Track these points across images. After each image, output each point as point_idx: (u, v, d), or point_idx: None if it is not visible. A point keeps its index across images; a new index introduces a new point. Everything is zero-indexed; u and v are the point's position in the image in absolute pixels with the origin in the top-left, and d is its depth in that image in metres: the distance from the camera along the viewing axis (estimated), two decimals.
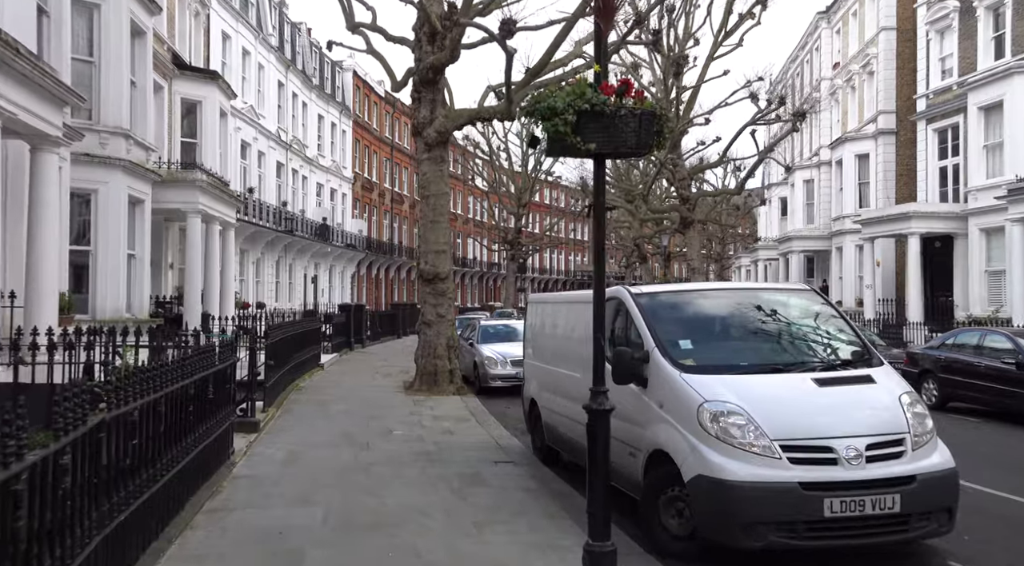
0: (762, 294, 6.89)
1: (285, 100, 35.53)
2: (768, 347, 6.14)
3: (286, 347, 14.08)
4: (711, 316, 6.42)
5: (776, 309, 6.51)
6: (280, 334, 13.05)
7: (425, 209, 15.46)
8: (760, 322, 6.35)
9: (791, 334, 6.26)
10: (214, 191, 20.20)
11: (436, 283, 15.38)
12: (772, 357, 6.01)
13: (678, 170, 28.77)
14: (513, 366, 15.75)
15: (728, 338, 6.26)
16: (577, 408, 7.58)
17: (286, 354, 14.18)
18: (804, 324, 6.38)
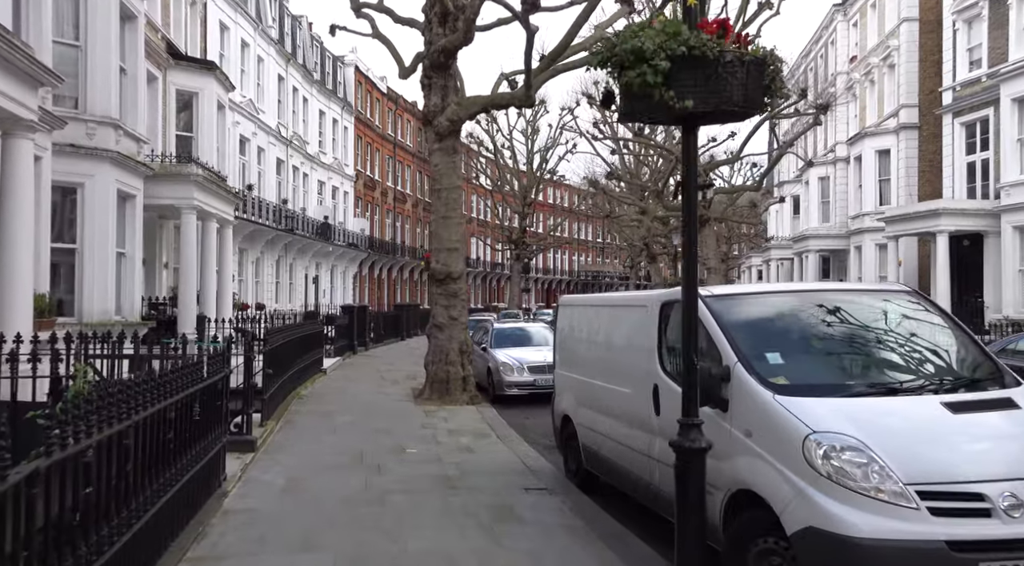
0: (853, 296, 5.77)
1: (285, 95, 34.44)
2: (877, 362, 5.02)
3: (287, 352, 12.98)
4: (800, 323, 5.30)
5: (875, 314, 5.41)
6: (280, 338, 11.96)
7: (436, 204, 14.36)
8: (860, 330, 5.24)
9: (900, 345, 5.15)
10: (211, 187, 19.12)
11: (448, 283, 14.28)
12: (884, 375, 4.90)
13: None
14: (531, 373, 14.69)
15: (824, 351, 5.14)
16: (627, 430, 6.52)
17: (287, 360, 13.09)
18: (912, 333, 5.27)
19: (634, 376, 6.37)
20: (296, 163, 35.70)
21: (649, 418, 6.02)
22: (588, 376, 7.51)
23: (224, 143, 25.01)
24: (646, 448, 6.06)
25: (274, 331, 11.52)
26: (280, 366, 12.19)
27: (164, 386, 5.04)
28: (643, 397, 6.11)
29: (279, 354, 11.89)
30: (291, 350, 13.74)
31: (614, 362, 6.89)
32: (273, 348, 11.09)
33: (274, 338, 11.31)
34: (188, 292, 18.24)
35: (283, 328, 13.17)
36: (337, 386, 16.39)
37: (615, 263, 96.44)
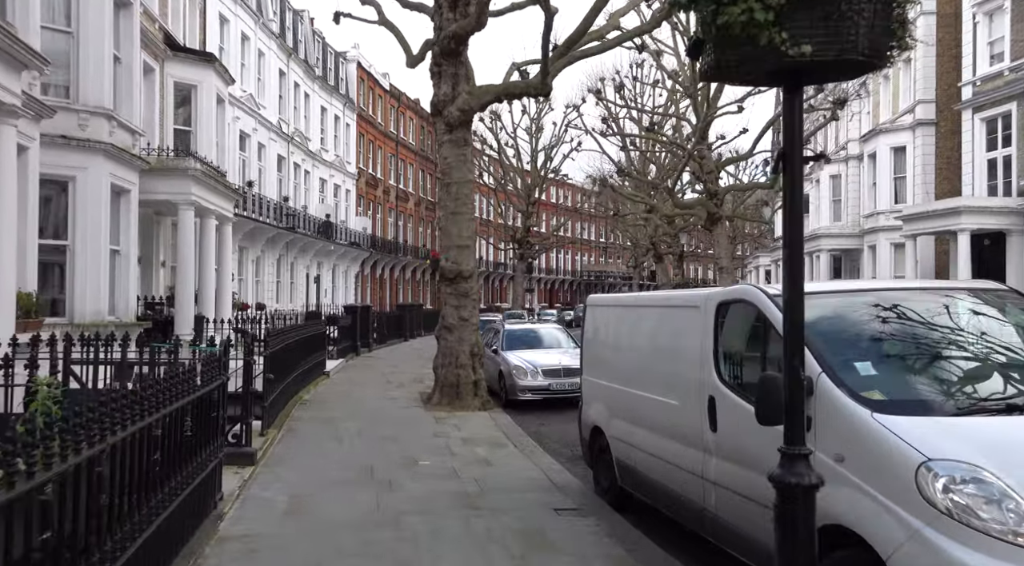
0: (946, 295, 5.01)
1: (287, 90, 33.72)
2: (990, 373, 4.28)
3: (289, 355, 12.26)
4: (890, 327, 4.55)
5: (975, 316, 4.68)
6: (282, 341, 11.24)
7: (445, 199, 13.64)
8: (963, 335, 4.51)
9: (1014, 353, 4.41)
10: (209, 182, 18.40)
11: (458, 283, 13.56)
12: (1001, 388, 4.16)
13: (705, 162, 26.92)
14: (545, 377, 13.96)
15: (923, 359, 4.40)
16: (673, 447, 5.78)
17: (289, 363, 12.37)
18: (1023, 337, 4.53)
19: (682, 386, 5.64)
20: (297, 160, 34.99)
21: (702, 434, 5.29)
22: (623, 384, 6.79)
23: (224, 138, 24.30)
24: (698, 468, 5.34)
25: (275, 333, 10.79)
26: (282, 370, 11.48)
27: (149, 400, 4.32)
28: (694, 410, 5.39)
29: (280, 357, 11.18)
30: (293, 353, 13.02)
31: (656, 369, 6.17)
32: (274, 351, 10.38)
33: (275, 341, 10.59)
34: (185, 291, 17.52)
35: (285, 330, 12.45)
36: (341, 390, 15.67)
37: (618, 263, 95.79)
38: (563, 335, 16.42)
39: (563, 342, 16.01)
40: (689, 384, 5.50)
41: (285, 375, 11.93)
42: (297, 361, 13.82)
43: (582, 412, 7.92)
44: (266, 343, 9.73)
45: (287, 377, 12.22)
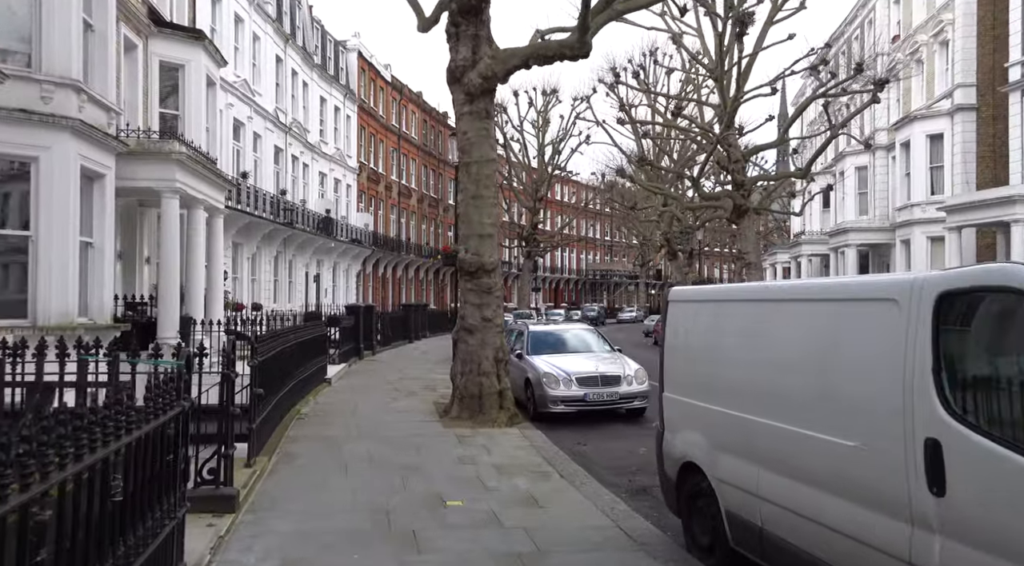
0: None
1: (284, 78, 31.85)
2: None
3: (284, 363, 10.42)
4: None
5: None
6: (275, 346, 9.39)
7: (465, 180, 11.77)
8: None
9: None
10: (197, 168, 16.53)
11: (480, 277, 11.70)
12: None
13: (732, 150, 25.04)
14: (580, 386, 12.09)
15: None
16: (845, 508, 3.81)
17: (284, 372, 10.53)
18: None
19: (865, 419, 3.78)
20: (295, 152, 33.12)
21: (910, 497, 3.44)
22: (740, 408, 4.92)
23: (215, 124, 22.44)
24: (902, 549, 3.48)
25: (267, 338, 8.92)
26: (275, 381, 9.63)
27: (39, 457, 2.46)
28: (893, 457, 3.54)
29: (273, 366, 9.33)
30: (289, 359, 11.17)
31: (807, 392, 4.30)
32: (266, 360, 8.52)
33: (267, 346, 8.74)
34: (169, 290, 15.66)
35: (279, 333, 10.59)
36: (344, 400, 13.81)
37: (623, 262, 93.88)
38: (594, 337, 14.56)
39: (595, 345, 14.16)
40: (881, 417, 3.65)
41: (279, 386, 10.08)
42: (294, 368, 11.98)
43: (664, 442, 6.05)
44: (256, 350, 7.86)
45: (282, 388, 10.38)
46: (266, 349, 8.64)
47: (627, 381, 12.25)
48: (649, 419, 12.44)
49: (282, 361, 10.23)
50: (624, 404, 12.18)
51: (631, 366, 12.67)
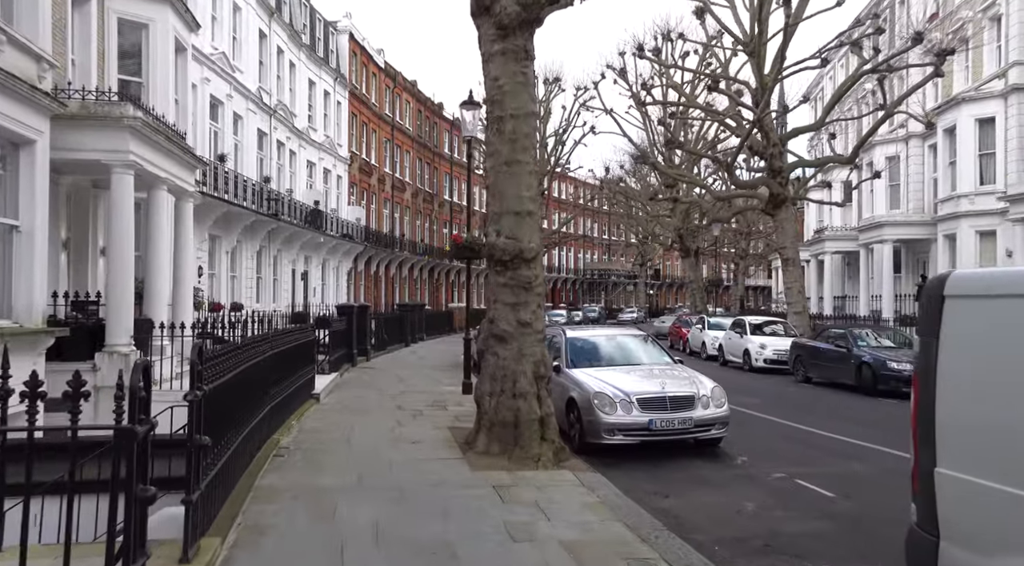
0: None
1: (268, 55, 28.96)
2: None
3: (253, 384, 7.63)
4: None
5: None
6: (240, 363, 6.61)
7: (496, 141, 8.99)
8: None
9: None
10: (158, 140, 13.68)
11: (517, 268, 8.94)
12: None
13: (771, 134, 22.41)
14: (643, 409, 9.33)
15: None
16: None
17: (253, 396, 7.74)
18: None
19: None
20: (281, 137, 30.23)
21: None
22: None
23: (187, 98, 19.55)
24: None
25: (223, 354, 6.09)
26: (241, 410, 6.84)
27: None
28: None
29: (237, 391, 6.54)
30: (263, 376, 8.39)
31: None
32: (222, 386, 5.73)
33: (225, 365, 5.93)
34: (120, 285, 12.80)
35: (247, 344, 7.78)
36: (336, 425, 10.99)
37: (622, 261, 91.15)
38: (648, 345, 11.78)
39: (649, 355, 11.39)
40: None
41: (247, 416, 7.29)
42: (271, 386, 9.19)
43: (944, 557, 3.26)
44: (198, 376, 5.02)
45: (251, 417, 7.58)
46: (222, 370, 5.83)
47: (702, 403, 9.50)
48: (726, 451, 9.70)
49: (250, 382, 7.43)
50: (699, 433, 9.44)
51: (704, 383, 9.92)
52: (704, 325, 27.49)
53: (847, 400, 15.34)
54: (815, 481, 8.01)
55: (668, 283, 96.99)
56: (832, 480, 8.06)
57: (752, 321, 23.36)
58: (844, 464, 9.01)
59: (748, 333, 22.30)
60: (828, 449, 9.98)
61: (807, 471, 8.48)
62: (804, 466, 8.80)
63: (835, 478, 8.18)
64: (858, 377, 16.36)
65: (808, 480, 8.06)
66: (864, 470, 8.63)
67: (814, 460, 9.25)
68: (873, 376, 15.86)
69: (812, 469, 8.62)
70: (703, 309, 42.83)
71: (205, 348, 5.20)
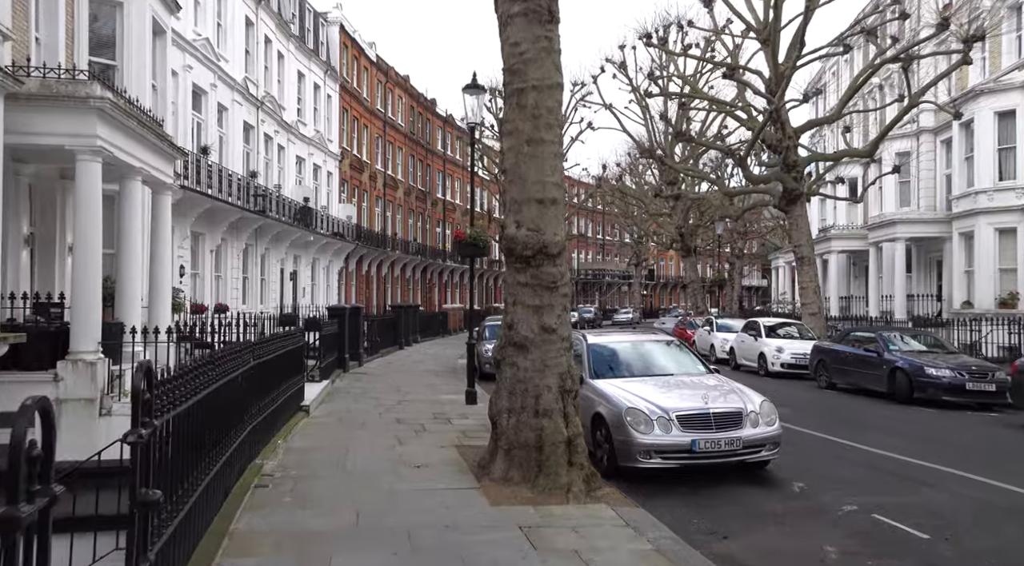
0: None
1: (255, 44, 27.60)
2: None
3: (226, 410, 6.36)
4: None
5: None
6: (210, 382, 5.34)
7: (515, 117, 7.75)
8: None
9: None
10: (130, 125, 12.35)
11: (540, 265, 7.70)
12: None
13: (786, 126, 21.24)
14: (683, 428, 8.09)
15: None
16: None
17: (226, 424, 6.47)
18: None
19: None
20: (269, 131, 28.87)
21: None
22: None
23: (166, 84, 18.24)
24: None
25: (191, 373, 4.81)
26: (211, 440, 5.57)
27: None
28: None
29: (209, 415, 5.27)
30: (243, 392, 7.12)
31: None
32: (185, 412, 4.45)
33: (192, 386, 4.66)
34: (86, 285, 11.47)
35: (227, 354, 6.50)
36: (328, 444, 9.70)
37: (616, 261, 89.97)
38: (682, 353, 10.53)
39: (684, 364, 10.15)
40: None
41: (220, 447, 6.02)
42: (252, 403, 7.92)
43: None
44: (145, 408, 3.73)
45: (226, 446, 6.32)
46: (185, 393, 4.55)
47: (750, 420, 8.27)
48: (776, 475, 8.48)
49: (226, 403, 6.16)
50: (748, 455, 8.20)
51: (752, 397, 8.70)
52: (713, 327, 26.32)
53: (882, 409, 14.18)
54: (896, 516, 6.79)
55: (663, 283, 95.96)
56: (916, 514, 6.85)
57: (766, 323, 22.20)
58: (919, 492, 7.79)
59: (763, 336, 21.14)
60: (890, 471, 8.77)
61: (881, 502, 7.27)
62: (874, 494, 7.59)
63: (918, 511, 6.97)
64: (891, 384, 15.20)
65: (888, 514, 6.84)
66: (946, 501, 7.42)
67: (882, 486, 8.03)
68: (909, 383, 14.69)
69: (886, 499, 7.40)
70: (705, 310, 41.76)
71: (156, 367, 3.92)
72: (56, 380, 10.96)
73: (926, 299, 29.63)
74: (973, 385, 14.07)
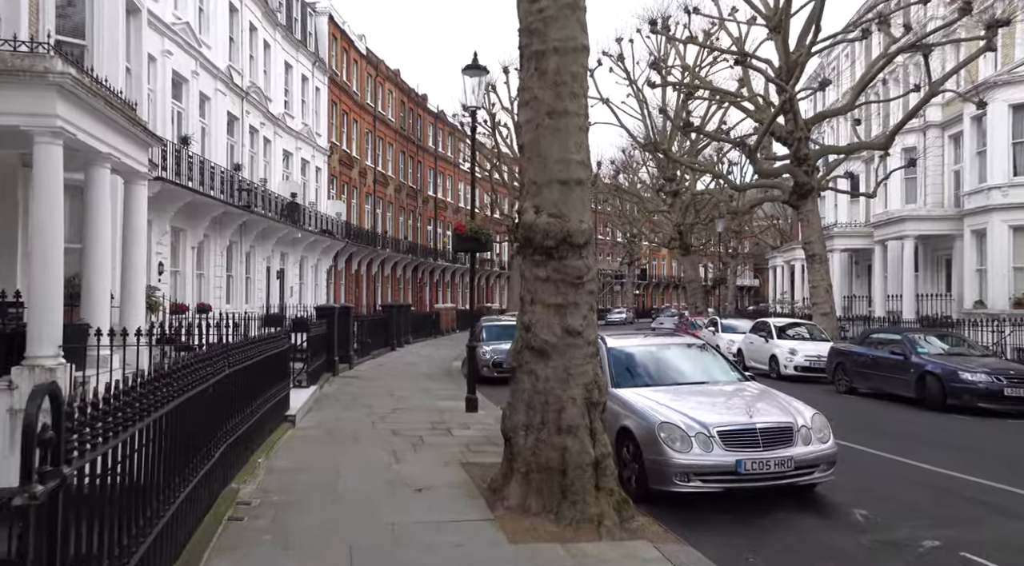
0: None
1: (239, 32, 26.38)
2: None
3: (190, 433, 5.25)
4: None
5: None
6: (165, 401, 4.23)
7: (534, 85, 6.66)
8: None
9: None
10: (97, 105, 11.17)
11: (564, 257, 6.62)
12: None
13: (798, 117, 20.24)
14: (726, 445, 7.02)
15: None
16: None
17: (192, 449, 5.36)
18: None
19: None
20: (254, 123, 27.64)
21: None
22: None
23: (142, 68, 17.06)
24: None
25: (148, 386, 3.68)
26: (170, 473, 4.44)
27: None
28: None
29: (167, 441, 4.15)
30: (214, 408, 6.01)
31: None
32: (127, 446, 3.34)
33: (130, 414, 3.54)
34: (45, 282, 10.28)
35: (195, 364, 5.37)
36: (315, 462, 8.57)
37: (608, 260, 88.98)
38: (712, 357, 9.45)
39: (715, 371, 9.06)
40: None
41: (181, 478, 4.90)
42: (228, 418, 6.81)
43: None
44: (51, 453, 2.64)
45: (190, 477, 5.20)
46: (132, 416, 3.43)
47: (802, 437, 7.21)
48: (829, 497, 7.42)
49: (190, 424, 5.04)
50: (800, 477, 7.13)
51: (802, 410, 7.64)
52: (718, 327, 25.31)
53: (913, 416, 13.18)
54: (990, 555, 5.74)
55: (655, 283, 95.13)
56: (1013, 554, 5.80)
57: (776, 323, 21.20)
58: (1003, 522, 6.75)
59: (774, 337, 20.13)
60: (954, 493, 7.73)
61: (965, 536, 6.22)
62: (951, 525, 6.54)
63: (1013, 549, 5.92)
64: (920, 389, 14.20)
65: (980, 553, 5.79)
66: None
67: (954, 513, 6.99)
68: (941, 389, 13.69)
69: (969, 533, 6.35)
70: (704, 309, 40.83)
71: (67, 396, 2.79)
72: (11, 388, 9.78)
73: (935, 298, 28.72)
74: (1012, 391, 13.09)
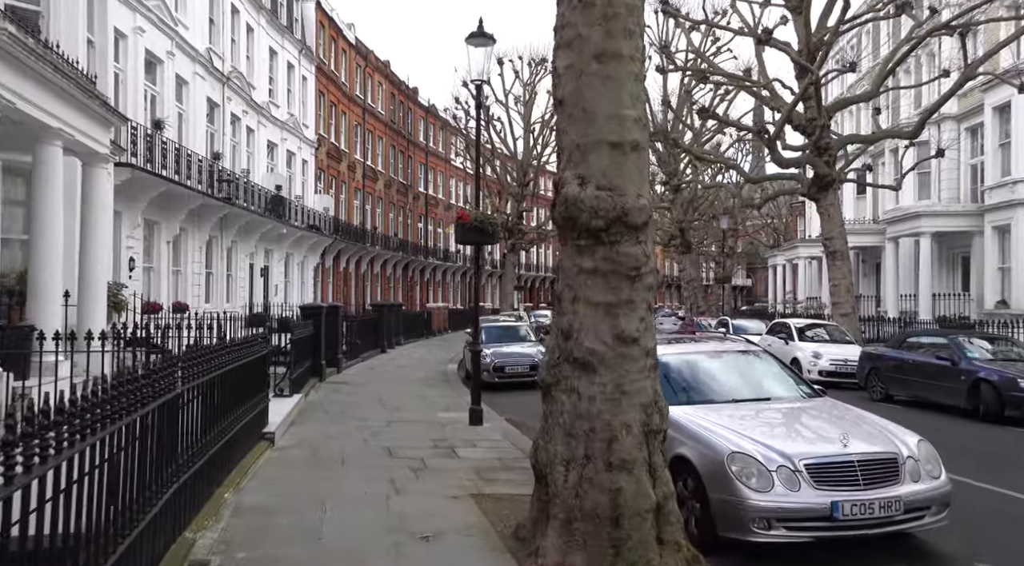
0: None
1: (220, 13, 24.77)
2: None
3: (119, 477, 3.70)
4: None
5: None
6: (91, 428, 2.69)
7: (579, 22, 5.16)
8: None
9: None
10: (41, 69, 9.61)
11: (617, 242, 5.13)
12: None
13: (820, 104, 18.85)
14: (817, 484, 5.54)
15: None
16: None
17: (113, 502, 3.81)
18: None
19: None
20: (236, 110, 26.03)
21: None
22: None
23: (107, 40, 15.48)
24: None
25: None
26: (90, 525, 2.89)
27: None
28: None
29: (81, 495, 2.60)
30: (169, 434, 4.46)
31: None
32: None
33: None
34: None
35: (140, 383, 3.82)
36: (296, 498, 7.03)
37: None
38: (772, 365, 7.96)
39: (781, 384, 7.54)
40: None
41: (103, 540, 3.35)
42: (181, 449, 5.28)
43: None
44: None
45: (121, 536, 3.65)
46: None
47: (908, 471, 5.75)
48: (943, 548, 5.96)
49: (126, 460, 3.49)
50: (909, 522, 5.67)
51: (902, 436, 6.17)
52: (729, 328, 23.92)
53: (970, 429, 11.78)
54: None
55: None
56: None
57: (796, 324, 19.82)
58: None
59: (795, 339, 18.74)
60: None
61: None
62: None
63: None
64: (972, 398, 12.80)
65: None
66: None
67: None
68: (999, 398, 12.29)
69: None
70: (704, 309, 39.57)
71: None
72: None
73: (952, 298, 27.46)
74: None
